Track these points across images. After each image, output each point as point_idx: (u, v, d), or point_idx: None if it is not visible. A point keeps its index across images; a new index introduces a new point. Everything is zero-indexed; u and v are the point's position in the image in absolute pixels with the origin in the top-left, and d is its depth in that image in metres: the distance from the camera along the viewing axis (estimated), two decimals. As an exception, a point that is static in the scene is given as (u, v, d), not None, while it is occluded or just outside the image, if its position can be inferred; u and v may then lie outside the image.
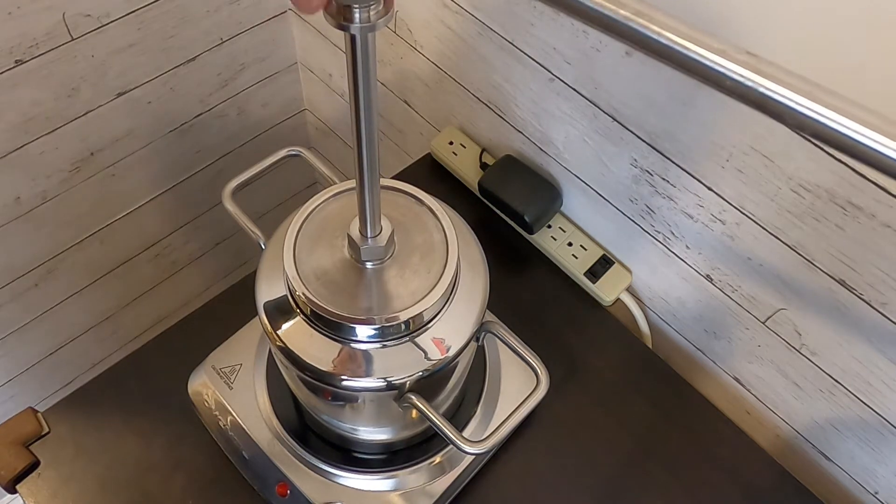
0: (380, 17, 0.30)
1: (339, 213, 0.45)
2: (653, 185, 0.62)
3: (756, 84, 0.22)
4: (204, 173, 1.03)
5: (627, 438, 0.63)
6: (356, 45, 0.31)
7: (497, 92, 0.71)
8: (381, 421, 0.52)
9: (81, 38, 0.76)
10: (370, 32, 0.30)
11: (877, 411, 0.57)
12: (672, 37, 0.23)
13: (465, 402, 0.59)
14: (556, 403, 0.64)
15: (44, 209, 0.87)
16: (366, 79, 0.33)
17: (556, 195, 0.72)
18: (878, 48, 0.41)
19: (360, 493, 0.55)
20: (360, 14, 0.29)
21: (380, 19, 0.30)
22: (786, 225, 0.53)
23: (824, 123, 0.22)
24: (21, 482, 0.57)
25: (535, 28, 0.61)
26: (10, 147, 0.78)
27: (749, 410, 0.69)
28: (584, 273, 0.71)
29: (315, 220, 0.45)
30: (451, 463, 0.57)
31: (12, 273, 0.90)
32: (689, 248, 0.63)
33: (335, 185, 0.46)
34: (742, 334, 0.64)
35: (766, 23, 0.45)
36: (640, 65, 0.55)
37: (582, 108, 0.63)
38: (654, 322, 0.74)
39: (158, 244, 1.07)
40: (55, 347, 1.06)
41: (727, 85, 0.22)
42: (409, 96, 0.86)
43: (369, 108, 0.34)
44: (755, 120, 0.50)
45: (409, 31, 0.77)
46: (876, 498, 0.63)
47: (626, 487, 0.61)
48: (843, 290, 0.53)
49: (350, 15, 0.29)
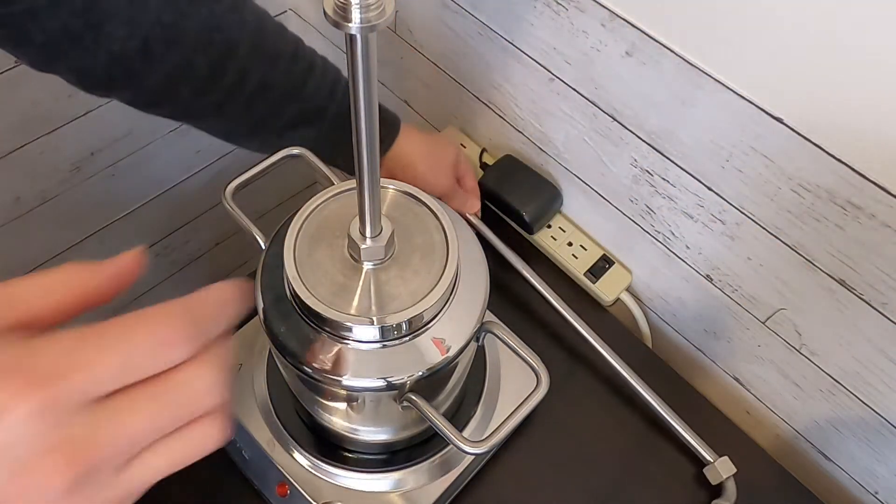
0: (381, 17, 0.29)
1: (339, 213, 0.45)
2: (653, 185, 0.62)
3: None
4: (204, 173, 1.03)
5: (627, 438, 0.63)
6: (356, 46, 0.31)
7: (497, 92, 0.71)
8: (381, 421, 0.52)
9: (81, 38, 0.75)
10: (371, 33, 0.30)
11: (877, 411, 0.57)
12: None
13: (465, 402, 0.59)
14: (556, 403, 0.64)
15: (44, 209, 0.87)
16: (367, 79, 0.33)
17: (555, 195, 0.72)
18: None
19: (359, 493, 0.55)
20: (361, 14, 0.29)
21: (381, 19, 0.29)
22: (786, 225, 0.53)
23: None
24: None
25: (535, 28, 0.61)
26: (10, 147, 0.78)
27: (749, 410, 0.69)
28: (584, 273, 0.71)
29: (315, 220, 0.45)
30: (450, 463, 0.57)
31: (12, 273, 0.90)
32: (689, 248, 0.63)
33: (335, 185, 0.46)
34: (742, 334, 0.64)
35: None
36: (640, 65, 0.55)
37: (582, 108, 0.63)
38: (654, 322, 0.74)
39: (158, 244, 1.07)
40: (55, 347, 1.06)
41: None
42: (409, 96, 0.86)
43: (370, 108, 0.34)
44: (755, 120, 0.50)
45: (409, 31, 0.77)
46: (876, 498, 0.63)
47: (626, 487, 0.61)
48: (843, 290, 0.53)
49: (349, 14, 0.29)
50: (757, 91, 0.49)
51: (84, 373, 0.21)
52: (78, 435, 0.21)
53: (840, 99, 0.44)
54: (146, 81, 0.51)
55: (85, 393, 0.22)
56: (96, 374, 0.22)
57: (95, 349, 0.22)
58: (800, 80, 0.46)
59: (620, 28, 0.54)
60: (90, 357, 0.22)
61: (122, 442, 0.23)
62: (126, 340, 0.23)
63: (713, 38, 0.49)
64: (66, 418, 0.21)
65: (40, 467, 0.21)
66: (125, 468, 0.23)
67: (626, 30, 0.54)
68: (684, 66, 0.52)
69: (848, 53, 0.42)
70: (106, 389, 0.22)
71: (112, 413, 0.22)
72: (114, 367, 0.22)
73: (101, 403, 0.22)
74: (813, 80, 0.45)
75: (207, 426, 0.25)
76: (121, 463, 0.23)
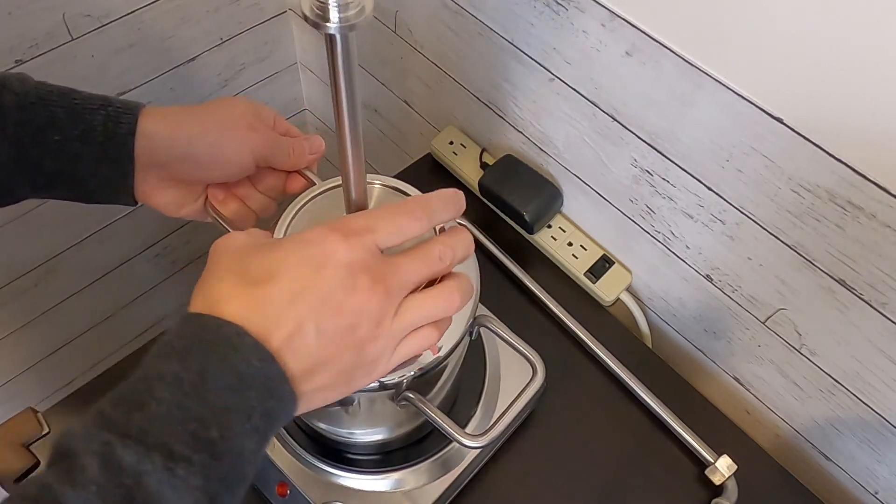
0: (360, 16, 0.28)
1: (326, 212, 0.45)
2: (653, 185, 0.62)
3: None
4: (204, 173, 1.03)
5: (627, 438, 0.63)
6: (336, 46, 0.30)
7: (497, 92, 0.71)
8: (376, 420, 0.52)
9: (81, 38, 0.76)
10: (350, 32, 0.29)
11: (877, 411, 0.57)
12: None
13: (465, 401, 0.59)
14: (556, 404, 0.64)
15: (44, 209, 0.87)
16: (348, 79, 0.32)
17: (556, 195, 0.72)
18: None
19: (359, 493, 0.55)
20: (339, 14, 0.28)
21: (360, 17, 0.29)
22: (786, 225, 0.53)
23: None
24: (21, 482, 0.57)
25: (535, 28, 0.61)
26: (10, 147, 0.78)
27: (749, 410, 0.69)
28: (584, 273, 0.71)
29: (303, 219, 0.44)
30: (450, 463, 0.57)
31: (12, 273, 0.90)
32: (689, 248, 0.63)
33: (317, 185, 0.46)
34: (742, 334, 0.64)
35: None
36: (640, 65, 0.55)
37: (582, 108, 0.63)
38: (654, 322, 0.74)
39: (158, 244, 1.07)
40: (55, 347, 1.06)
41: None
42: (409, 96, 0.86)
43: (353, 107, 0.34)
44: (755, 120, 0.50)
45: (409, 31, 0.77)
46: (876, 498, 0.63)
47: (626, 487, 0.61)
48: (843, 290, 0.53)
49: (327, 14, 0.28)
50: (757, 91, 0.49)
51: (375, 232, 0.34)
52: (379, 267, 0.34)
53: (840, 99, 0.44)
54: None
55: (377, 243, 0.34)
56: (382, 233, 0.34)
57: (379, 219, 0.35)
58: (800, 80, 0.46)
59: (620, 28, 0.54)
60: (377, 223, 0.34)
61: (403, 278, 0.35)
62: (395, 214, 0.35)
63: (713, 38, 0.49)
64: (369, 257, 0.34)
65: (362, 285, 0.33)
66: (398, 314, 0.35)
67: (626, 30, 0.54)
68: (684, 66, 0.52)
69: (848, 53, 0.42)
70: (388, 243, 0.35)
71: (394, 259, 0.35)
72: (392, 229, 0.35)
73: (386, 254, 0.35)
74: (813, 80, 0.45)
75: (454, 284, 0.37)
76: (401, 299, 0.35)
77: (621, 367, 0.65)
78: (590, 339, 0.67)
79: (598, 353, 0.66)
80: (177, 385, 0.30)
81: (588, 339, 0.67)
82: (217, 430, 0.30)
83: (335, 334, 0.33)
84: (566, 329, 0.68)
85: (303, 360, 0.33)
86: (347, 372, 0.35)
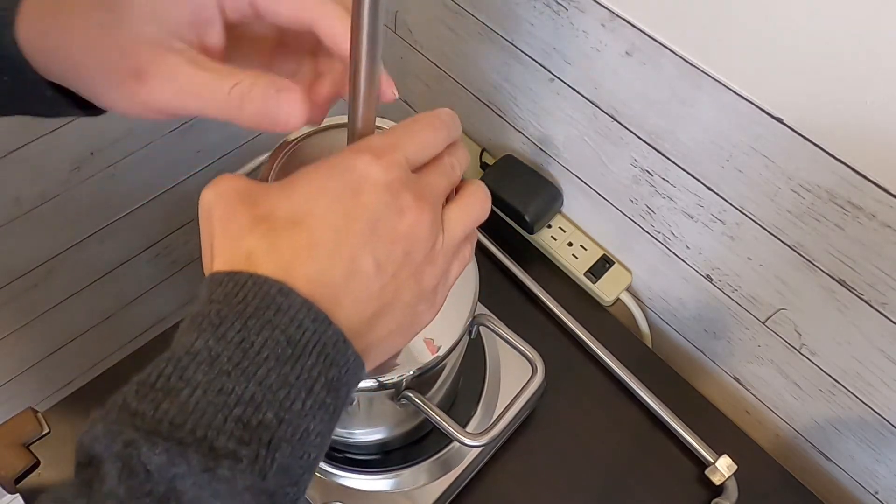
0: None
1: (320, 154, 0.40)
2: (653, 185, 0.62)
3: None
4: (204, 173, 1.03)
5: (627, 438, 0.63)
6: None
7: (497, 92, 0.72)
8: (379, 420, 0.52)
9: None
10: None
11: (877, 411, 0.57)
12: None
13: (465, 401, 0.59)
14: (557, 404, 0.64)
15: (44, 209, 0.87)
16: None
17: (556, 195, 0.72)
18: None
19: (360, 493, 0.55)
20: None
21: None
22: (786, 225, 0.53)
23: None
24: (21, 482, 0.57)
25: (535, 28, 0.61)
26: (10, 147, 0.78)
27: (749, 410, 0.69)
28: (584, 273, 0.71)
29: (294, 162, 0.39)
30: (450, 462, 0.57)
31: (12, 273, 0.90)
32: (689, 248, 0.63)
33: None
34: (742, 334, 0.64)
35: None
36: (640, 65, 0.55)
37: (582, 108, 0.63)
38: (654, 322, 0.74)
39: (158, 244, 1.07)
40: (55, 347, 1.06)
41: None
42: (409, 96, 0.86)
43: (374, 14, 0.28)
44: (755, 120, 0.50)
45: (409, 31, 0.77)
46: (876, 498, 0.63)
47: (625, 487, 0.61)
48: (843, 290, 0.53)
49: None
50: (757, 91, 0.49)
51: (403, 148, 0.31)
52: (416, 184, 0.31)
53: (840, 99, 0.44)
54: None
55: (407, 161, 0.31)
56: (410, 148, 0.31)
57: (401, 136, 0.31)
58: (800, 80, 0.46)
59: (620, 28, 0.54)
60: (401, 140, 0.31)
61: (437, 192, 0.32)
62: (415, 129, 0.32)
63: (713, 38, 0.49)
64: (404, 175, 0.30)
65: (409, 205, 0.30)
66: (445, 230, 0.32)
67: (626, 30, 0.54)
68: (684, 66, 0.52)
69: (848, 53, 0.42)
70: (418, 159, 0.32)
71: (423, 174, 0.32)
72: (418, 143, 0.32)
73: (416, 172, 0.32)
74: (813, 80, 0.45)
75: (474, 187, 0.36)
76: (440, 210, 0.32)
77: (621, 367, 0.65)
78: (590, 338, 0.67)
79: (598, 352, 0.66)
80: (213, 363, 0.25)
81: (588, 339, 0.67)
82: (272, 412, 0.25)
83: (393, 265, 0.29)
84: (566, 329, 0.68)
85: (364, 306, 0.28)
86: (412, 307, 0.31)
